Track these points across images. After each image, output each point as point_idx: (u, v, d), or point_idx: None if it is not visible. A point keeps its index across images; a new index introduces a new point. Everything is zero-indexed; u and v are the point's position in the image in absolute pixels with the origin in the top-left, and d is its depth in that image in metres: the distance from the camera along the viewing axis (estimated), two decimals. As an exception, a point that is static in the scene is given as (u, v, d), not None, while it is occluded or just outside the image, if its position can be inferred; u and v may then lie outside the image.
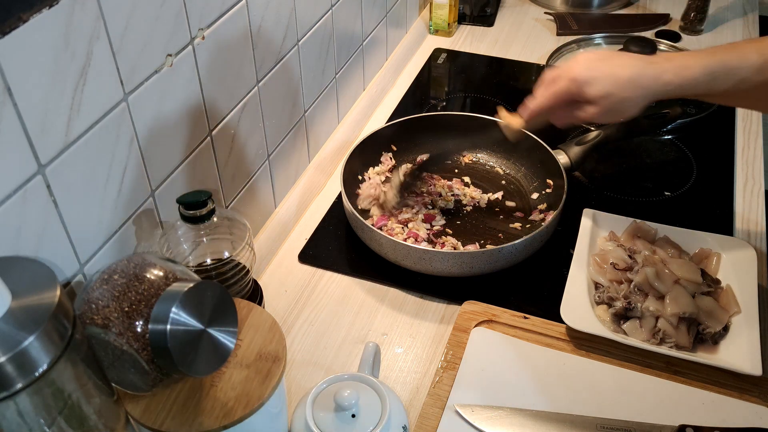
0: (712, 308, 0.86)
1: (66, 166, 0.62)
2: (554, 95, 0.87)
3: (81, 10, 0.59)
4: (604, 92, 0.82)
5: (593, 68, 0.83)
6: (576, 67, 0.84)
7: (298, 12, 0.98)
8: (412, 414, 0.81)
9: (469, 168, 1.15)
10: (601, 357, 0.85)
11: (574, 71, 0.84)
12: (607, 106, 0.83)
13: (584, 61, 0.84)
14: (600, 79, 0.82)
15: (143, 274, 0.61)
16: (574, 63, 0.85)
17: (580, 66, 0.84)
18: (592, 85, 0.82)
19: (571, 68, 0.85)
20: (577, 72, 0.83)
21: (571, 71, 0.84)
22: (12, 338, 0.46)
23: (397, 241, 0.92)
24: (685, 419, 0.77)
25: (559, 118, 0.90)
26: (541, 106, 0.89)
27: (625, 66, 0.82)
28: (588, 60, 0.84)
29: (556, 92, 0.86)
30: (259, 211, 1.02)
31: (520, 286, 0.97)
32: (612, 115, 0.85)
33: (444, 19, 1.52)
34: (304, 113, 1.09)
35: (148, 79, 0.70)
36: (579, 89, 0.83)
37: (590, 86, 0.82)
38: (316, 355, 0.88)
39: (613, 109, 0.83)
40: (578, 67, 0.84)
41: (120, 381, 0.61)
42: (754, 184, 1.13)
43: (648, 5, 1.65)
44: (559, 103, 0.87)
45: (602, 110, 0.83)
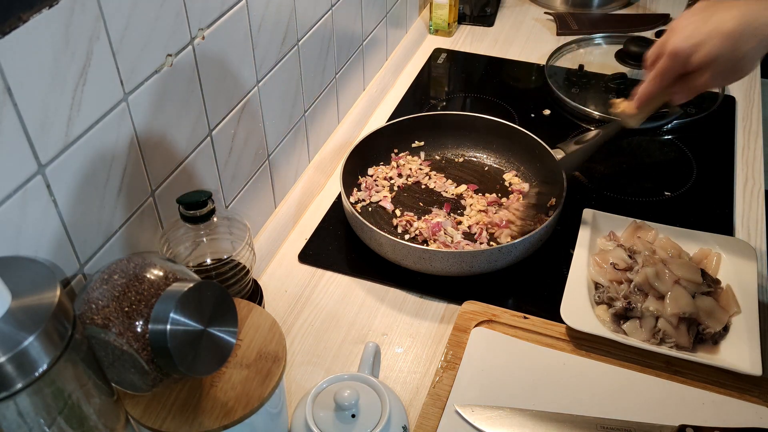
0: (712, 308, 0.86)
1: (66, 166, 0.62)
2: (660, 77, 0.79)
3: (81, 10, 0.59)
4: (713, 56, 0.73)
5: (693, 33, 0.74)
6: (674, 37, 0.76)
7: (298, 12, 0.98)
8: (412, 414, 0.81)
9: (468, 167, 1.15)
10: (601, 357, 0.85)
11: (672, 43, 0.76)
12: (720, 69, 0.74)
13: (683, 27, 0.75)
14: (703, 43, 0.73)
15: (143, 274, 0.61)
16: (672, 32, 0.76)
17: (679, 35, 0.75)
18: (696, 53, 0.74)
19: (669, 40, 0.76)
20: (676, 43, 0.75)
21: (669, 44, 0.76)
22: (12, 338, 0.46)
23: (397, 241, 0.92)
24: (685, 419, 0.77)
25: (677, 95, 0.81)
26: (651, 91, 0.82)
27: (729, 18, 0.72)
28: (686, 24, 0.75)
29: (660, 73, 0.79)
30: (259, 211, 1.02)
31: (520, 286, 0.97)
32: (730, 76, 0.76)
33: (444, 19, 1.52)
34: (304, 113, 1.09)
35: (148, 79, 0.70)
36: (684, 62, 0.75)
37: (695, 53, 0.74)
38: (316, 355, 0.88)
39: (728, 70, 0.75)
40: (676, 36, 0.75)
41: (120, 381, 0.61)
42: (754, 184, 1.13)
43: (648, 5, 1.65)
44: (669, 82, 0.79)
45: (715, 74, 0.75)
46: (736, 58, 0.73)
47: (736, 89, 1.34)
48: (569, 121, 1.29)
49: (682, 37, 0.75)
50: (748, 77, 1.36)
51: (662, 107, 1.08)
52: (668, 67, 0.77)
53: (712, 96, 1.29)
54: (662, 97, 0.83)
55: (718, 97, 1.28)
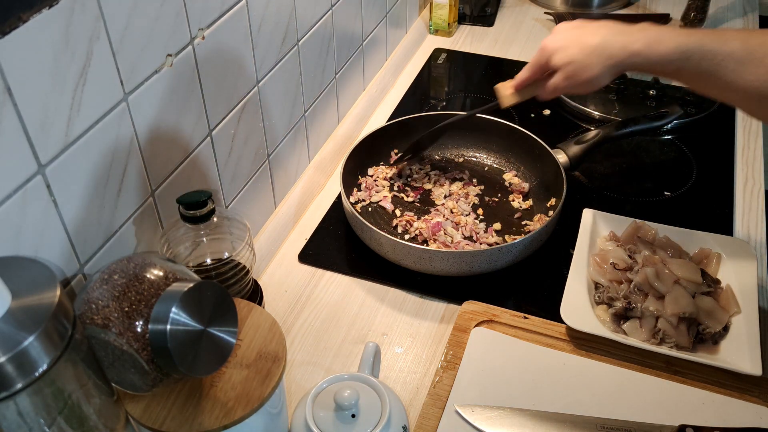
0: (712, 308, 0.86)
1: (66, 166, 0.62)
2: (530, 66, 0.89)
3: (81, 10, 0.59)
4: (569, 59, 0.83)
5: (563, 37, 0.84)
6: (549, 37, 0.86)
7: (298, 12, 0.98)
8: (412, 414, 0.81)
9: (468, 167, 1.15)
10: (601, 357, 0.85)
11: (545, 41, 0.86)
12: (570, 72, 0.83)
13: (558, 31, 0.86)
14: (567, 47, 0.83)
15: (143, 274, 0.61)
16: (551, 33, 0.87)
17: (553, 36, 0.86)
18: (558, 53, 0.84)
19: (545, 39, 0.87)
20: (548, 41, 0.86)
21: (543, 41, 0.87)
22: (12, 338, 0.46)
23: (397, 241, 0.92)
24: (685, 419, 0.77)
25: (541, 90, 0.91)
26: (523, 77, 0.91)
27: (595, 33, 0.82)
28: (562, 29, 0.86)
29: (531, 63, 0.89)
30: (259, 211, 1.02)
31: (520, 286, 0.97)
32: (576, 83, 0.84)
33: (444, 19, 1.52)
34: (304, 113, 1.09)
35: (148, 79, 0.70)
36: (547, 58, 0.85)
37: (557, 54, 0.84)
38: (316, 355, 0.88)
39: (576, 75, 0.83)
40: (551, 37, 0.86)
41: (120, 381, 0.61)
42: (754, 184, 1.13)
43: (648, 5, 1.65)
44: (536, 74, 0.89)
45: (566, 76, 0.84)
46: (586, 66, 0.82)
47: (736, 89, 1.33)
48: (569, 121, 1.29)
49: (555, 38, 0.86)
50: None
51: (660, 106, 1.08)
52: (536, 59, 0.88)
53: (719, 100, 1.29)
54: (534, 88, 0.92)
55: (718, 97, 1.28)
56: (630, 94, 1.32)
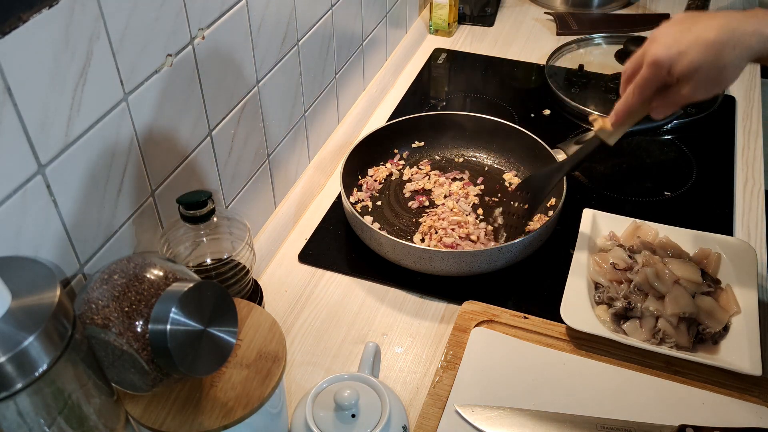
0: (712, 308, 0.86)
1: (66, 166, 0.62)
2: (640, 89, 0.75)
3: (81, 10, 0.59)
4: (695, 66, 0.70)
5: (674, 42, 0.71)
6: (655, 47, 0.72)
7: (298, 12, 0.98)
8: (412, 414, 0.81)
9: (468, 167, 1.15)
10: (601, 357, 0.85)
11: (653, 52, 0.72)
12: (703, 79, 0.71)
13: (663, 36, 0.72)
14: (685, 52, 0.70)
15: (143, 274, 0.61)
16: (652, 42, 0.73)
17: (660, 44, 0.72)
18: (678, 63, 0.71)
19: (649, 50, 0.73)
20: (657, 52, 0.72)
21: (650, 54, 0.73)
22: (12, 338, 0.46)
23: (397, 241, 0.92)
24: (685, 419, 0.77)
25: (657, 109, 0.78)
26: (630, 105, 0.78)
27: (712, 27, 0.69)
28: (667, 33, 0.72)
29: (641, 85, 0.75)
30: (259, 211, 1.02)
31: (520, 286, 0.97)
32: (713, 87, 0.73)
33: (444, 19, 1.52)
34: (304, 113, 1.09)
35: (148, 79, 0.70)
36: (665, 73, 0.72)
37: (676, 64, 0.71)
38: (316, 355, 0.88)
39: (711, 80, 0.71)
40: (657, 46, 0.72)
41: (120, 381, 0.61)
42: (754, 184, 1.13)
43: (648, 5, 1.65)
44: (650, 94, 0.76)
45: (697, 86, 0.72)
46: (719, 67, 0.70)
47: (736, 89, 1.34)
48: (569, 121, 1.29)
49: (664, 46, 0.72)
50: (748, 77, 1.37)
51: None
52: (649, 77, 0.74)
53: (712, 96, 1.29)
54: (641, 112, 0.80)
55: (718, 97, 1.28)
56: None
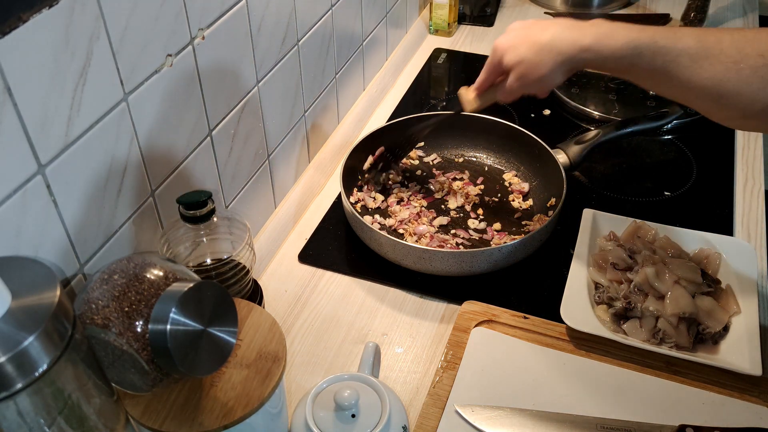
0: (712, 308, 0.86)
1: (66, 166, 0.62)
2: (486, 69, 0.87)
3: (81, 10, 0.59)
4: (519, 58, 0.81)
5: (514, 36, 0.82)
6: (501, 36, 0.84)
7: (298, 12, 0.98)
8: (412, 414, 0.81)
9: (468, 167, 1.15)
10: (601, 357, 0.85)
11: (497, 40, 0.84)
12: (522, 72, 0.81)
13: (509, 30, 0.84)
14: (517, 45, 0.81)
15: (143, 274, 0.61)
16: (503, 34, 0.84)
17: (505, 35, 0.83)
18: (509, 53, 0.82)
19: (498, 38, 0.85)
20: (500, 40, 0.83)
21: (495, 41, 0.84)
22: (12, 338, 0.46)
23: (397, 241, 0.92)
24: (685, 419, 0.77)
25: (500, 92, 0.88)
26: (481, 81, 0.89)
27: (545, 30, 0.80)
28: (514, 28, 0.83)
29: (486, 65, 0.87)
30: (259, 211, 1.02)
31: (520, 286, 0.96)
32: (528, 82, 0.82)
33: (444, 19, 1.52)
34: (304, 113, 1.09)
35: (148, 79, 0.70)
36: (499, 57, 0.83)
37: (507, 53, 0.82)
38: (316, 355, 0.88)
39: (529, 75, 0.81)
40: (503, 36, 0.84)
41: (120, 381, 0.61)
42: (754, 184, 1.13)
43: (648, 5, 1.65)
44: (492, 75, 0.87)
45: (518, 76, 0.82)
46: (536, 64, 0.80)
47: (736, 89, 1.33)
48: (569, 121, 1.29)
49: (506, 37, 0.83)
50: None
51: (660, 106, 1.05)
52: (490, 60, 0.86)
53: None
54: (494, 92, 0.90)
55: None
56: (630, 94, 1.32)
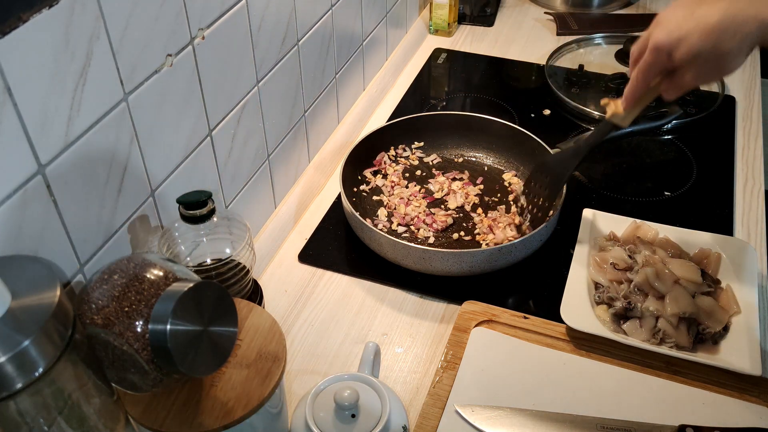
0: (712, 308, 0.86)
1: (66, 166, 0.62)
2: (644, 73, 0.76)
3: (81, 10, 0.59)
4: (694, 52, 0.70)
5: (675, 28, 0.71)
6: (657, 31, 0.73)
7: (298, 12, 0.98)
8: (412, 414, 0.81)
9: (468, 167, 1.15)
10: (601, 357, 0.85)
11: (654, 38, 0.73)
12: (703, 66, 0.71)
13: (666, 20, 0.73)
14: (685, 38, 0.70)
15: (143, 274, 0.61)
16: (657, 25, 0.74)
17: (662, 29, 0.72)
18: (677, 49, 0.71)
19: (652, 34, 0.74)
20: (658, 38, 0.72)
21: (652, 39, 0.73)
22: (12, 338, 0.46)
23: (397, 241, 0.92)
24: (685, 419, 0.77)
25: (665, 91, 0.78)
26: (636, 89, 0.79)
27: (713, 12, 0.69)
28: (670, 18, 0.72)
29: (644, 69, 0.76)
30: (259, 211, 1.02)
31: (520, 286, 0.97)
32: (714, 74, 0.74)
33: (444, 19, 1.52)
34: (304, 113, 1.09)
35: (148, 79, 0.70)
36: (666, 58, 0.73)
37: (676, 50, 0.71)
38: (316, 355, 0.88)
39: (711, 67, 0.71)
40: (659, 31, 0.72)
41: (120, 381, 0.61)
42: (754, 184, 1.13)
43: (648, 5, 1.65)
44: (654, 78, 0.77)
45: (699, 72, 0.72)
46: (718, 54, 0.70)
47: (736, 89, 1.34)
48: (569, 121, 1.29)
49: (665, 31, 0.72)
50: (748, 77, 1.37)
51: (659, 106, 1.04)
52: (651, 62, 0.75)
53: (712, 96, 1.29)
54: (651, 94, 0.81)
55: (718, 97, 1.28)
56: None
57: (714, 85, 1.33)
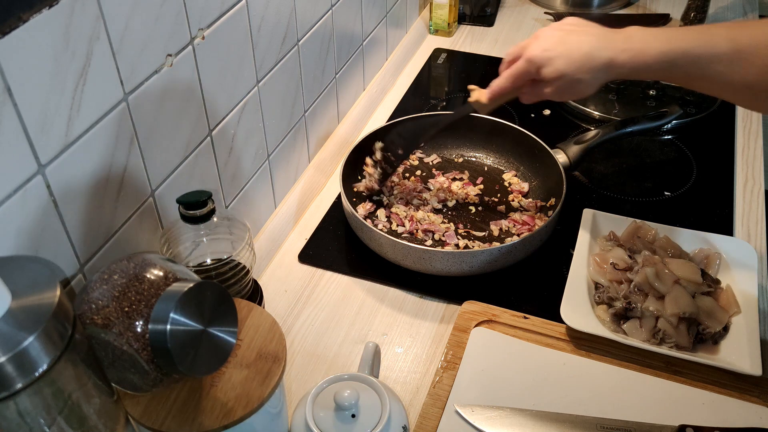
0: (712, 308, 0.86)
1: (66, 166, 0.62)
2: (513, 77, 0.86)
3: (81, 10, 0.59)
4: (558, 73, 0.81)
5: (549, 48, 0.82)
6: (534, 45, 0.83)
7: (298, 12, 0.98)
8: (412, 414, 0.81)
9: (468, 167, 1.15)
10: (601, 357, 0.85)
11: (530, 51, 0.83)
12: (562, 86, 0.83)
13: (544, 38, 0.83)
14: (554, 59, 0.81)
15: (143, 274, 0.61)
16: (535, 39, 0.84)
17: (539, 45, 0.83)
18: (546, 66, 0.82)
19: (528, 47, 0.84)
20: (534, 52, 0.83)
21: (529, 50, 0.84)
22: (12, 338, 0.46)
23: (397, 241, 0.92)
24: (685, 419, 0.77)
25: (524, 95, 0.89)
26: (503, 87, 0.89)
27: (581, 44, 0.81)
28: (548, 36, 0.83)
29: (515, 74, 0.86)
30: (259, 211, 1.02)
31: (520, 286, 0.97)
32: (568, 94, 0.85)
33: (444, 19, 1.52)
34: (304, 113, 1.09)
35: (148, 79, 0.70)
36: (535, 70, 0.83)
37: (545, 67, 0.82)
38: (316, 355, 0.88)
39: (567, 89, 0.83)
40: (536, 46, 0.83)
41: (120, 381, 0.61)
42: (754, 184, 1.13)
43: (648, 5, 1.65)
44: (520, 83, 0.87)
45: (557, 90, 0.84)
46: (575, 80, 0.81)
47: (736, 89, 1.34)
48: (569, 121, 1.29)
49: (541, 48, 0.83)
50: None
51: (659, 106, 1.05)
52: (522, 70, 0.85)
53: (712, 96, 1.29)
54: (512, 93, 0.90)
55: (718, 97, 1.29)
56: (630, 94, 1.32)
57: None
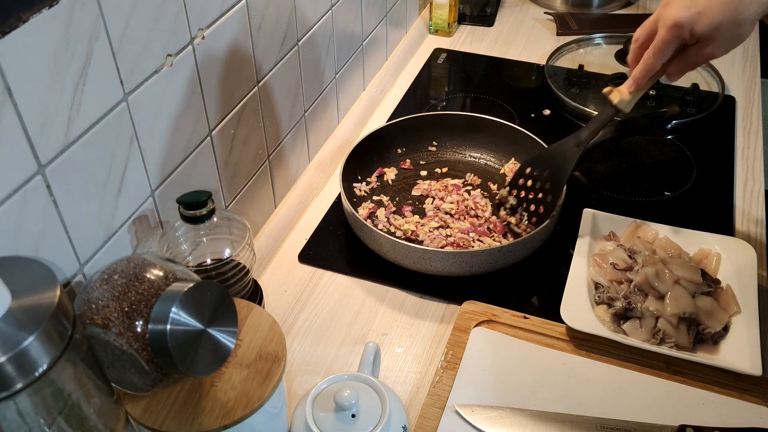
0: (712, 308, 0.86)
1: (66, 166, 0.62)
2: (660, 52, 0.77)
3: (81, 10, 0.59)
4: (715, 24, 0.72)
5: (691, 3, 0.73)
6: (672, 9, 0.74)
7: (298, 12, 0.98)
8: (412, 414, 0.81)
9: (468, 167, 1.15)
10: (601, 357, 0.85)
11: (672, 15, 0.74)
12: (724, 37, 0.73)
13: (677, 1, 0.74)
14: (704, 12, 0.72)
15: (143, 274, 0.61)
16: (668, 5, 0.75)
17: (676, 6, 0.74)
18: (698, 23, 0.72)
19: (666, 13, 0.75)
20: (677, 14, 0.73)
21: (669, 17, 0.74)
22: (12, 338, 0.46)
23: (397, 241, 0.92)
24: (685, 419, 0.77)
25: (673, 71, 0.80)
26: (651, 69, 0.79)
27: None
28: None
29: (660, 48, 0.76)
30: (259, 211, 1.02)
31: (520, 286, 0.96)
32: (731, 45, 0.75)
33: (444, 19, 1.52)
34: (304, 113, 1.09)
35: (148, 79, 0.70)
36: (686, 33, 0.74)
37: (697, 24, 0.73)
38: (316, 355, 0.88)
39: (731, 37, 0.73)
40: (675, 8, 0.74)
41: (120, 381, 0.61)
42: (754, 184, 1.13)
43: (648, 5, 1.65)
44: (668, 57, 0.78)
45: (719, 44, 0.74)
46: (737, 23, 0.71)
47: (736, 89, 1.34)
48: (569, 121, 1.29)
49: (682, 8, 0.73)
50: (748, 77, 1.37)
51: (659, 106, 1.04)
52: (669, 39, 0.75)
53: (712, 96, 1.29)
54: (659, 74, 0.81)
55: (718, 97, 1.28)
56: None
57: (714, 84, 1.33)
